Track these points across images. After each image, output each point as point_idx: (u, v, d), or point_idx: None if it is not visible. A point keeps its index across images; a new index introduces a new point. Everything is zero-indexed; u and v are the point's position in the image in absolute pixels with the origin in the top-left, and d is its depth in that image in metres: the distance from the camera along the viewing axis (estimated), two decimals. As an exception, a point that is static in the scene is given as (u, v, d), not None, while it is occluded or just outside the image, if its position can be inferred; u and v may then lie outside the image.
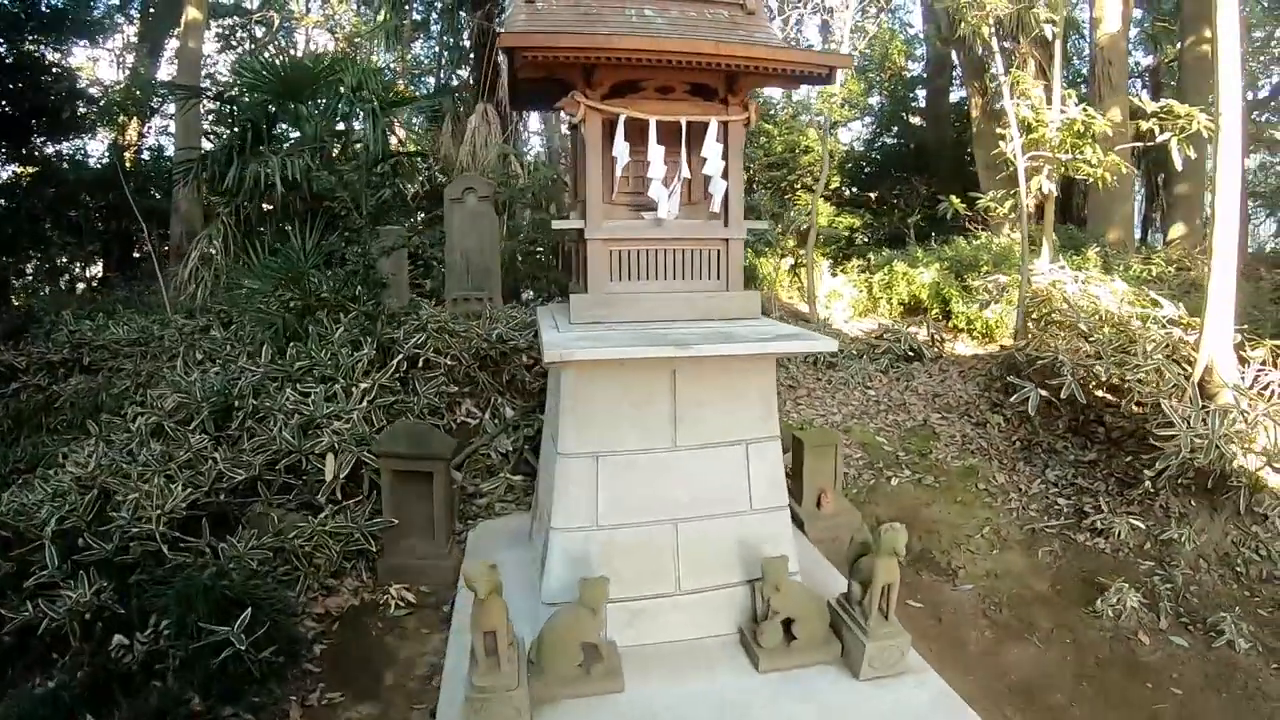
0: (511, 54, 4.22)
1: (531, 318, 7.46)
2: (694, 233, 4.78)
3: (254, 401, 6.14)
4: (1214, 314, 6.65)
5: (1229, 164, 6.63)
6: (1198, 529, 5.98)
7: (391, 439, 5.28)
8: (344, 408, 5.96)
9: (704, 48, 4.24)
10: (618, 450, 4.33)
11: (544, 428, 5.94)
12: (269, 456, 5.67)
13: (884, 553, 4.00)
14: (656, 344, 4.03)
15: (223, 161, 8.00)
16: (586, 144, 4.52)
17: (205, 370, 6.78)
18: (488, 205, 7.77)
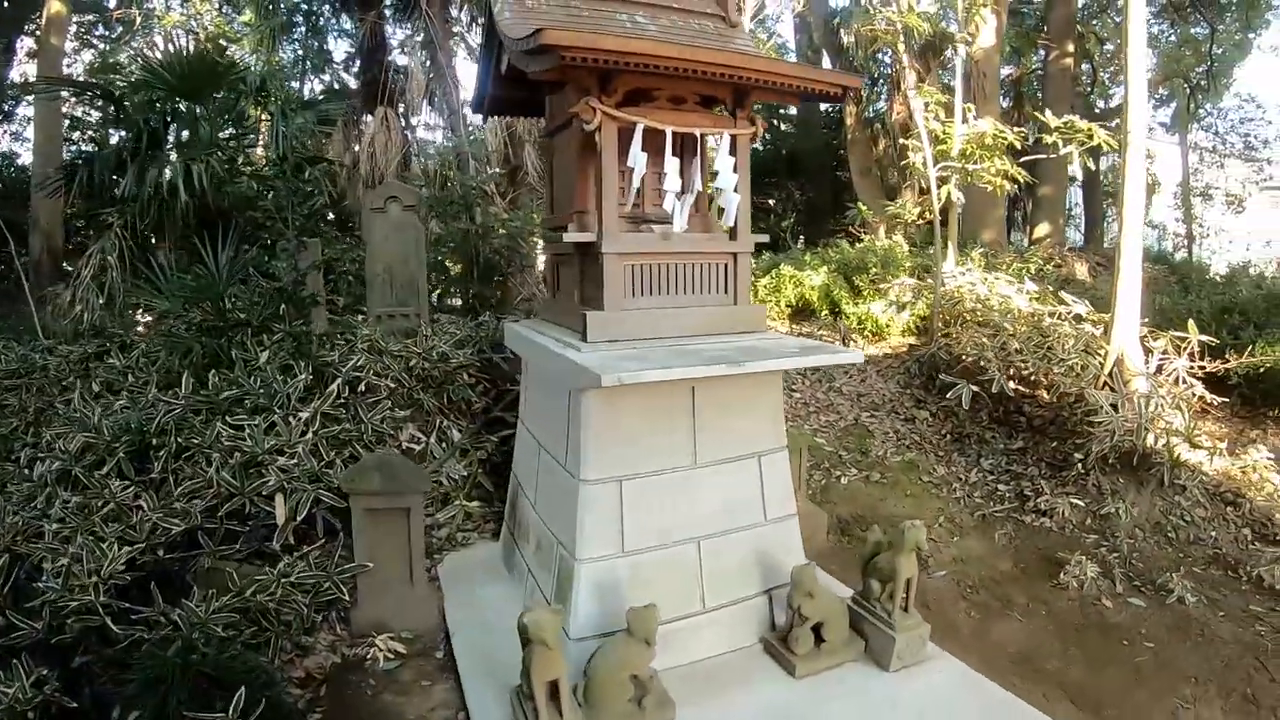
0: (538, 52, 3.87)
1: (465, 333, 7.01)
2: (702, 246, 4.68)
3: (178, 439, 5.43)
4: (1122, 310, 7.45)
5: (1135, 177, 7.28)
6: (1130, 503, 6.54)
7: (362, 475, 4.77)
8: (286, 441, 5.35)
9: (735, 60, 4.14)
10: (640, 472, 4.20)
11: (518, 451, 5.57)
12: (207, 502, 5.02)
13: (907, 549, 4.17)
14: (694, 361, 3.89)
15: (112, 166, 7.02)
16: (602, 153, 4.25)
17: (109, 403, 5.93)
18: (413, 215, 7.22)
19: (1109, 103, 18.42)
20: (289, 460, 5.24)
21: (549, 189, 5.40)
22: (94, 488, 5.13)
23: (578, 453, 4.13)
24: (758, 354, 4.12)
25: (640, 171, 4.28)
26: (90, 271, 6.82)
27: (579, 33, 3.91)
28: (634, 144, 4.21)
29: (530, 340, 4.90)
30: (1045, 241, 13.58)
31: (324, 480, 5.18)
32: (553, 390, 4.65)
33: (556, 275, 5.35)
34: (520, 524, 5.24)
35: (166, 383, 6.19)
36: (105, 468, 5.34)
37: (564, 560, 4.17)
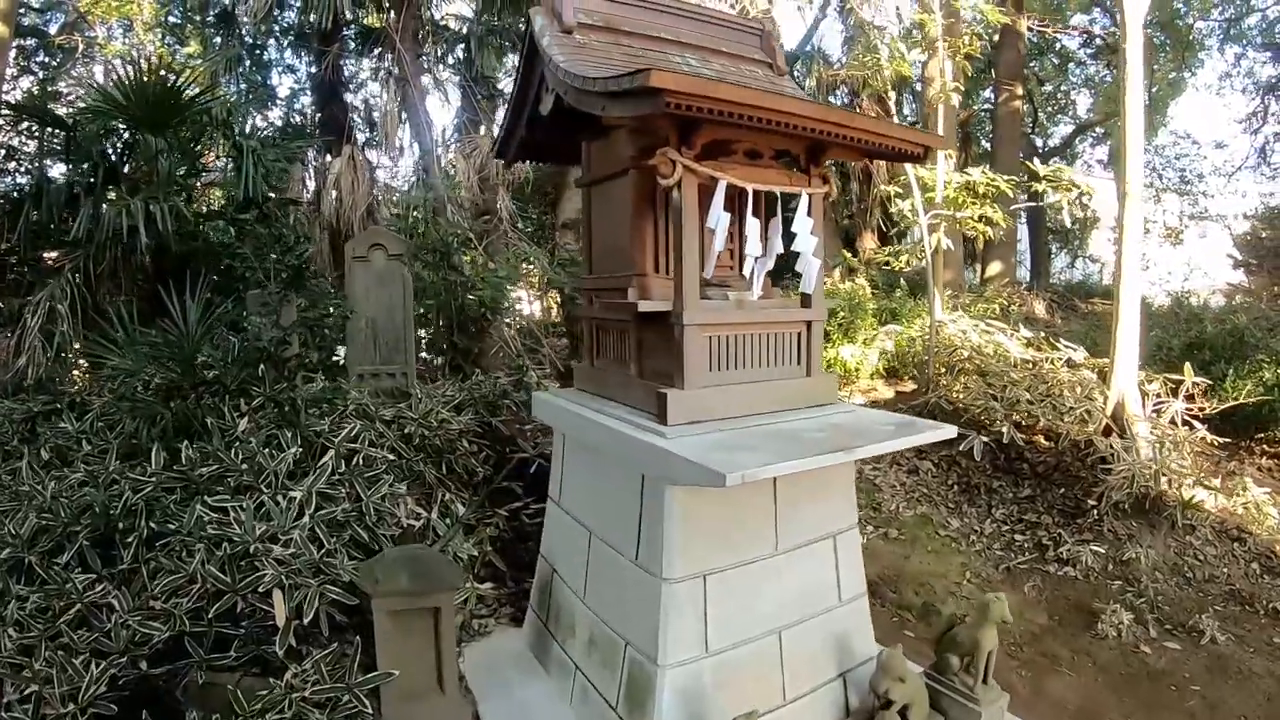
0: (635, 95, 3.39)
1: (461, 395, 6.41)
2: (777, 315, 4.31)
3: (149, 523, 4.72)
4: (1121, 356, 7.68)
5: (1133, 227, 7.39)
6: (1147, 546, 6.63)
7: (387, 573, 4.17)
8: (280, 526, 4.69)
9: (831, 115, 3.85)
10: (724, 566, 3.88)
11: (552, 535, 5.02)
12: (192, 601, 4.33)
13: (992, 621, 4.09)
14: (805, 449, 3.57)
15: (61, 204, 6.19)
16: (684, 211, 3.83)
17: (62, 476, 5.14)
18: (399, 265, 6.62)
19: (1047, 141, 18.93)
20: (284, 549, 4.58)
21: (586, 246, 4.92)
22: (54, 582, 4.39)
23: (657, 548, 3.73)
24: (858, 435, 3.87)
25: (722, 233, 3.89)
26: (38, 321, 5.95)
27: (688, 77, 3.49)
28: (715, 202, 3.78)
29: (580, 417, 4.43)
30: (998, 280, 13.72)
31: (328, 573, 4.54)
32: (612, 474, 4.22)
33: (597, 342, 4.87)
34: (558, 615, 4.74)
35: (128, 452, 5.44)
36: (64, 555, 4.61)
37: (637, 664, 3.78)
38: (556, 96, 4.20)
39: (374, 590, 4.13)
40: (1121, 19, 7.61)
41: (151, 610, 4.32)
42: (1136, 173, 7.56)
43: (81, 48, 12.01)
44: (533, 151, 5.10)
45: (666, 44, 4.59)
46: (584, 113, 4.01)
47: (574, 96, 3.89)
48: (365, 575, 4.24)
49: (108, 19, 12.91)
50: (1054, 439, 7.64)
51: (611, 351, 4.69)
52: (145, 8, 13.20)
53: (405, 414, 5.90)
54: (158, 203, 6.01)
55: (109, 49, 12.60)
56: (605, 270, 4.68)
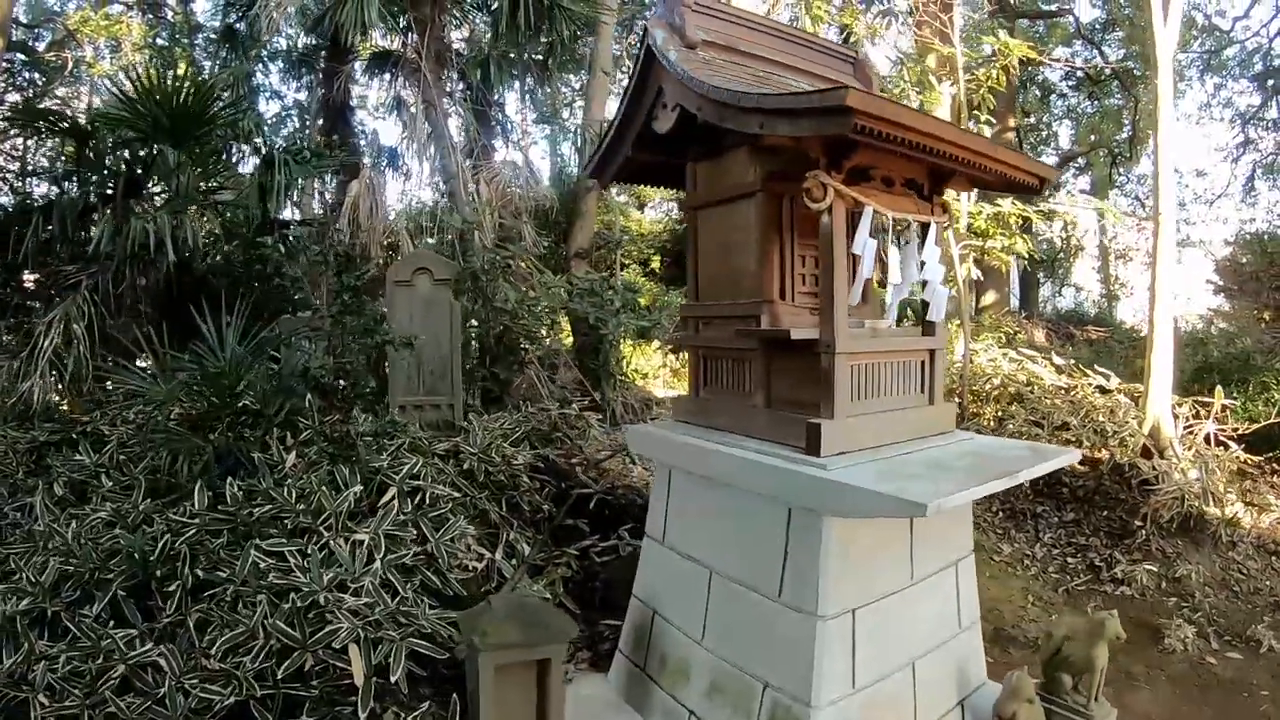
0: (822, 114, 3.08)
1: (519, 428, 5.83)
2: (906, 343, 4.06)
3: (194, 571, 4.03)
4: (1156, 382, 7.79)
5: (1166, 256, 7.48)
6: (1195, 564, 6.72)
7: (495, 625, 3.58)
8: (350, 573, 4.06)
9: (984, 145, 3.56)
10: (869, 600, 3.59)
11: (655, 576, 4.49)
12: (256, 661, 3.68)
13: (1105, 638, 4.00)
14: (973, 477, 3.34)
15: (74, 217, 5.46)
16: (833, 236, 3.51)
17: (83, 515, 4.42)
18: (446, 291, 6.04)
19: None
20: (355, 599, 3.96)
21: (693, 271, 4.49)
22: (87, 638, 3.69)
23: (809, 585, 3.42)
24: (1004, 461, 3.69)
25: (870, 260, 3.60)
26: (52, 342, 5.19)
27: (877, 99, 3.17)
28: (861, 228, 3.50)
29: (700, 449, 4.00)
30: (994, 309, 13.62)
31: (409, 623, 3.92)
32: (744, 509, 3.79)
33: (704, 371, 4.43)
34: (663, 660, 4.23)
35: (155, 488, 4.73)
36: (94, 606, 3.91)
37: (783, 707, 3.45)
38: (681, 113, 3.86)
39: (481, 643, 3.53)
40: (1152, 55, 7.69)
41: (208, 671, 3.65)
42: (1170, 200, 7.69)
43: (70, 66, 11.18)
44: (631, 173, 4.67)
45: (776, 66, 4.31)
46: (698, 132, 3.81)
47: (718, 112, 3.54)
48: (468, 627, 3.64)
49: (96, 38, 12.17)
50: (1091, 463, 7.55)
51: (726, 381, 4.28)
52: (134, 29, 12.49)
53: (463, 448, 5.30)
54: (186, 217, 5.35)
55: (97, 68, 11.82)
56: (718, 296, 4.29)
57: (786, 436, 3.70)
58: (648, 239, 15.01)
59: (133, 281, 5.40)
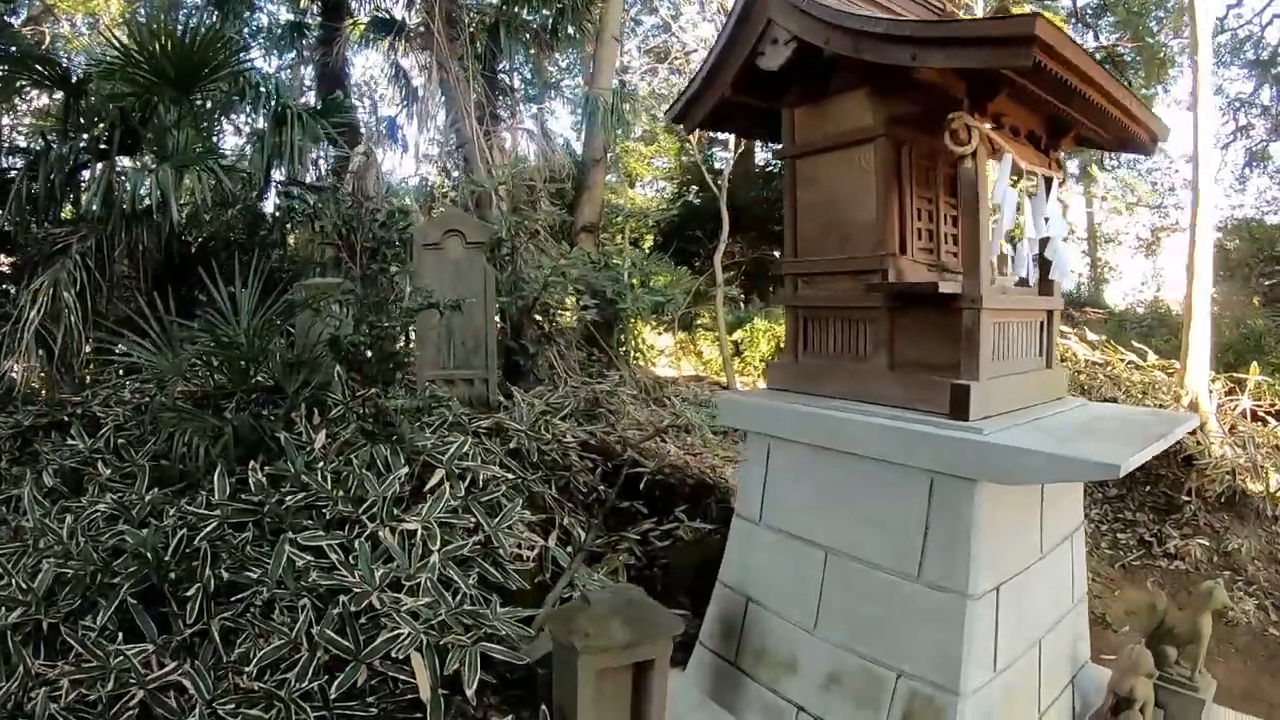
0: (988, 43, 2.66)
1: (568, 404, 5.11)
2: (1029, 303, 3.59)
3: (217, 571, 3.26)
4: (1194, 358, 7.45)
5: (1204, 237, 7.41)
6: (1243, 538, 6.42)
7: (598, 624, 2.89)
8: (404, 569, 3.33)
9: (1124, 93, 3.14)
10: (1008, 576, 3.14)
11: (748, 560, 3.82)
12: (303, 679, 2.94)
13: (1211, 609, 3.79)
14: (1134, 438, 2.97)
15: (63, 175, 4.58)
16: (977, 182, 3.08)
17: (78, 508, 3.63)
18: (479, 255, 5.26)
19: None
20: (413, 598, 3.23)
21: (790, 224, 3.83)
22: (92, 655, 2.92)
23: (953, 560, 2.96)
24: (1139, 424, 3.35)
25: (1010, 210, 3.17)
26: (40, 311, 4.31)
27: (1058, 31, 2.65)
28: (1002, 178, 3.11)
29: (814, 418, 3.39)
30: None
31: (479, 625, 3.22)
32: (871, 482, 3.23)
33: (806, 333, 3.78)
34: (761, 652, 3.61)
35: (161, 477, 3.93)
36: (98, 616, 3.12)
37: (923, 697, 2.99)
38: (799, 47, 3.27)
39: (582, 645, 2.83)
40: (1193, 33, 7.30)
41: (243, 691, 2.90)
42: (1208, 178, 7.26)
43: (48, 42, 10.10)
44: (720, 118, 4.01)
45: (874, 5, 3.64)
46: (802, 73, 3.37)
47: (853, 44, 2.99)
48: (561, 626, 2.94)
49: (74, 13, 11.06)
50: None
51: (836, 343, 3.66)
52: (113, 4, 11.39)
53: (508, 424, 4.56)
54: (191, 172, 4.51)
55: (75, 44, 10.74)
56: (825, 251, 3.67)
57: (919, 401, 3.19)
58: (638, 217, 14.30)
59: (129, 245, 4.54)
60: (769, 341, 11.23)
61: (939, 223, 3.66)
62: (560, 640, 2.93)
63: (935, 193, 3.64)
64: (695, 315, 11.50)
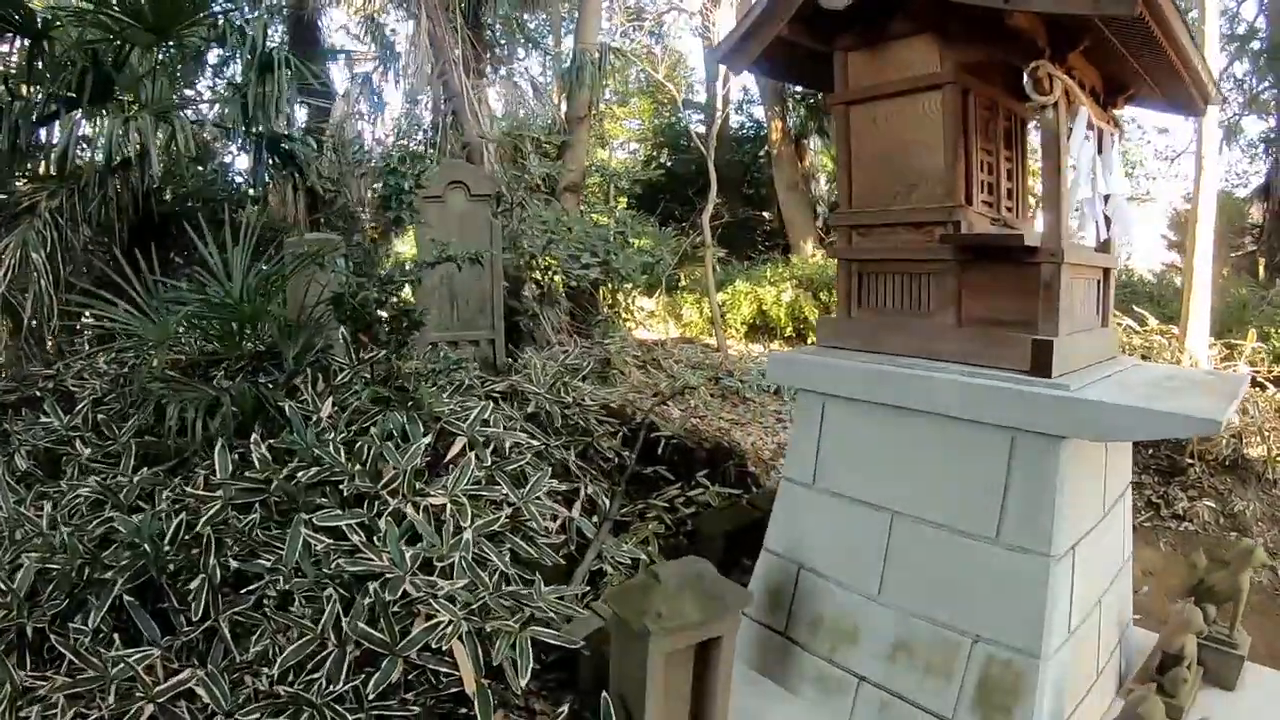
0: None
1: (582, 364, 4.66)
2: (1092, 260, 3.26)
3: (228, 559, 2.79)
4: (1194, 322, 7.27)
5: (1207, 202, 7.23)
6: (1246, 500, 6.22)
7: (669, 601, 2.49)
8: (436, 549, 2.89)
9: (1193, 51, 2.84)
10: (1080, 535, 2.91)
11: (798, 524, 3.44)
12: (336, 680, 2.49)
13: (1251, 567, 3.70)
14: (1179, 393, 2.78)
15: (30, 125, 3.88)
16: (1059, 134, 2.83)
17: (56, 493, 3.10)
18: (484, 208, 4.73)
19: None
20: (447, 581, 2.80)
21: (844, 173, 3.40)
22: (88, 663, 2.44)
23: (1035, 521, 2.73)
24: (1204, 382, 3.15)
25: (1088, 163, 2.91)
26: (5, 277, 3.67)
27: None
28: (1077, 130, 2.83)
29: (886, 375, 3.05)
30: None
31: (523, 607, 2.80)
32: (946, 441, 2.93)
33: (859, 288, 3.39)
34: (816, 621, 3.28)
35: (149, 455, 3.41)
36: (90, 617, 2.62)
37: (999, 663, 2.78)
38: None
39: (656, 626, 2.43)
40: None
41: (265, 697, 2.45)
42: (1212, 144, 7.19)
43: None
44: (767, 59, 3.48)
45: None
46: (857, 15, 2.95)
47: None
48: (629, 606, 2.52)
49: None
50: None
51: (897, 297, 3.27)
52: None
53: (525, 387, 4.10)
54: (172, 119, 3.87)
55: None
56: (884, 202, 3.27)
57: (991, 358, 2.91)
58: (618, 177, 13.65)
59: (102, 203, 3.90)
60: (750, 304, 10.83)
61: (999, 176, 3.29)
62: (629, 622, 2.52)
63: (995, 145, 3.27)
64: (678, 277, 11.02)
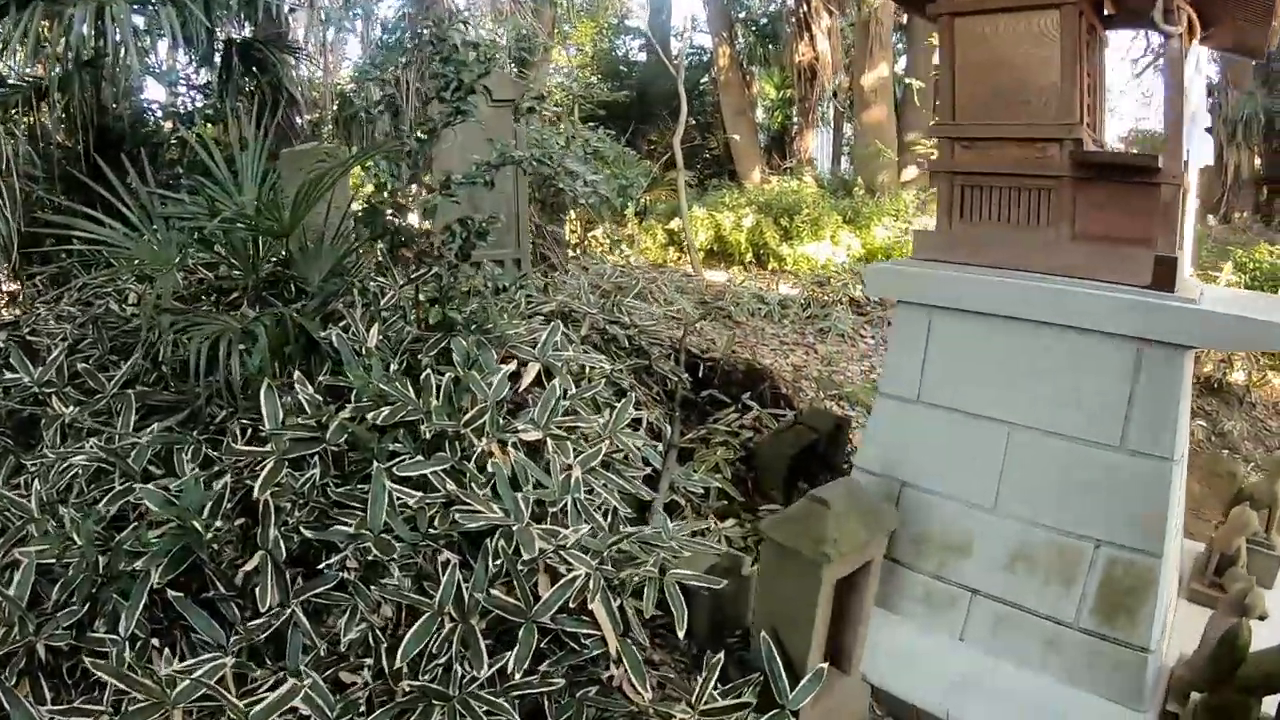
0: None
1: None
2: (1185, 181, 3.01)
3: (301, 528, 2.03)
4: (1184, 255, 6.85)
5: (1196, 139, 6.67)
6: (1233, 421, 6.25)
7: (844, 528, 1.94)
8: (549, 494, 2.23)
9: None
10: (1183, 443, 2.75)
11: (904, 439, 2.98)
12: (479, 662, 1.82)
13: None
14: None
15: None
16: (1183, 63, 2.73)
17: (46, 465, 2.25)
18: (506, 115, 3.86)
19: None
20: (567, 529, 2.16)
21: (949, 85, 3.01)
22: (137, 688, 1.67)
23: (1160, 427, 2.59)
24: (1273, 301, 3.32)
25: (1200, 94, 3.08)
26: None
27: None
28: (1190, 61, 2.80)
29: (1010, 287, 2.77)
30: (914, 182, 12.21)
31: (654, 550, 2.19)
32: (1069, 353, 2.72)
33: (964, 201, 3.00)
34: (921, 538, 2.95)
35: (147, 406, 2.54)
36: (122, 623, 1.86)
37: (1122, 564, 2.64)
38: None
39: (833, 553, 1.89)
40: None
41: (383, 695, 1.77)
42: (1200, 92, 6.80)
43: None
44: None
45: None
46: None
47: None
48: (809, 536, 1.98)
49: None
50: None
51: (1004, 211, 2.95)
52: None
53: (576, 306, 3.38)
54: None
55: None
56: (992, 116, 2.94)
57: (1108, 272, 2.72)
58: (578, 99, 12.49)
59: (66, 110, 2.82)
60: (708, 229, 10.16)
61: (1096, 97, 2.99)
62: (803, 551, 1.96)
63: (1093, 67, 2.95)
64: (644, 202, 10.22)
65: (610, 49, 15.03)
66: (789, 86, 12.22)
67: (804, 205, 9.40)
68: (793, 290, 7.70)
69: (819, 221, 9.22)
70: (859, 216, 9.30)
